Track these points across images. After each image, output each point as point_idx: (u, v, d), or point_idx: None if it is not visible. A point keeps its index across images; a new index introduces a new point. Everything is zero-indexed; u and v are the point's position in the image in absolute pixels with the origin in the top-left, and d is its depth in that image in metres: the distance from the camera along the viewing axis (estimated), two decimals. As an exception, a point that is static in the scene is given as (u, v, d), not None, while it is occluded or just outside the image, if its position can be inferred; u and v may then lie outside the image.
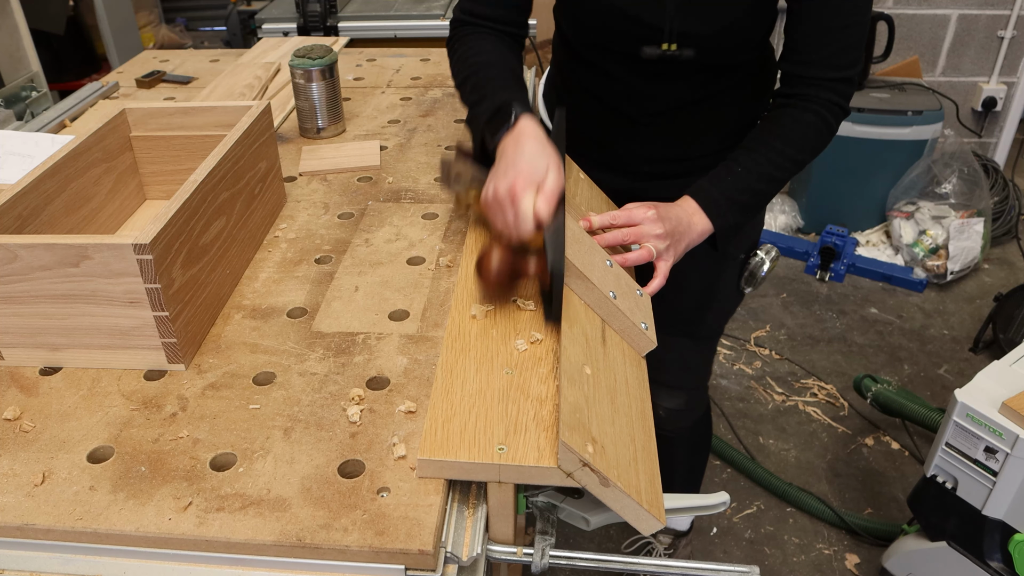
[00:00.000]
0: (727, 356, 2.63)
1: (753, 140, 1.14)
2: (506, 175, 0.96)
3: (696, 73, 1.17)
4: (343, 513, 0.74)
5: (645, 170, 1.30)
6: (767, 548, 1.98)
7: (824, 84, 1.11)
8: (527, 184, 0.94)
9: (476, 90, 1.09)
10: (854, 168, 3.05)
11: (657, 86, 1.19)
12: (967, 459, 1.48)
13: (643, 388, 0.94)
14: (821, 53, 1.10)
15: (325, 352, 0.95)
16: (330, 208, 1.26)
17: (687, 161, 1.28)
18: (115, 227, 1.16)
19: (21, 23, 2.22)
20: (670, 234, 1.06)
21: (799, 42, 1.11)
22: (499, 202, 0.96)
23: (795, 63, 1.13)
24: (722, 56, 1.15)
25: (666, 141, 1.26)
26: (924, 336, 2.70)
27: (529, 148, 0.97)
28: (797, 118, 1.12)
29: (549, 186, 0.94)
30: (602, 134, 1.29)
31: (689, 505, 0.94)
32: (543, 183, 0.94)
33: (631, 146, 1.28)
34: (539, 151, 0.97)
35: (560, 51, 1.32)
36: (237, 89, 1.64)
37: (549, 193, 0.94)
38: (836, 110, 1.12)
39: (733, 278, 1.37)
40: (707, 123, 1.25)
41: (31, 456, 0.81)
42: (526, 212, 0.93)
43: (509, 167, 0.96)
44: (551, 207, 0.93)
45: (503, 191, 0.95)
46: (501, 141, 1.01)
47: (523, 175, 0.94)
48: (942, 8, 3.20)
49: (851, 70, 1.11)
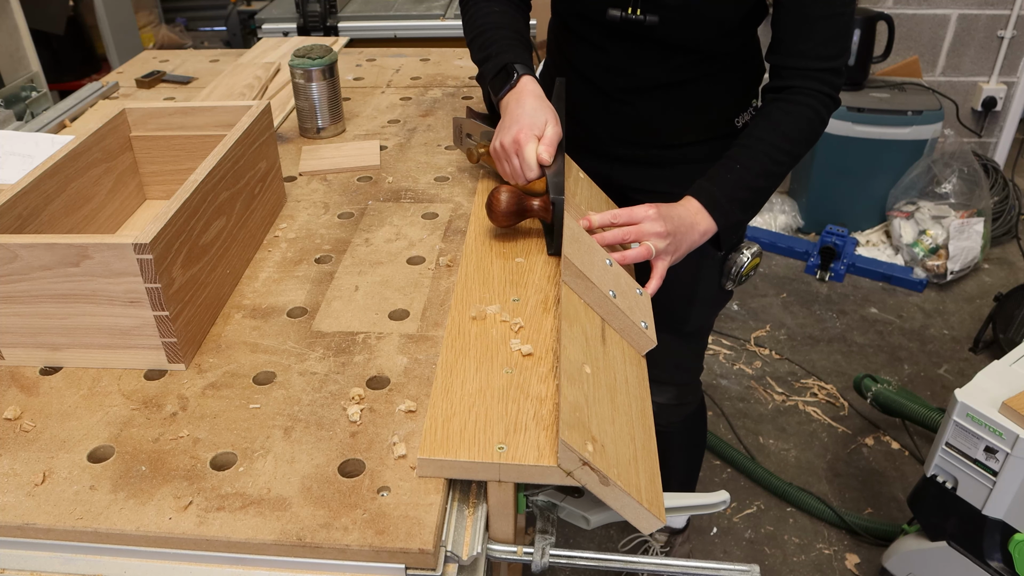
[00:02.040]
0: (727, 356, 2.63)
1: (748, 137, 1.15)
2: (510, 128, 1.07)
3: (671, 53, 1.20)
4: (343, 512, 0.74)
5: (621, 154, 1.34)
6: (767, 548, 1.98)
7: (812, 74, 1.12)
8: (529, 134, 1.06)
9: (483, 49, 1.19)
10: (854, 168, 3.05)
11: (634, 62, 1.23)
12: (967, 459, 1.48)
13: (643, 387, 0.94)
14: (807, 43, 1.11)
15: (325, 352, 0.95)
16: (330, 208, 1.26)
17: (662, 149, 1.32)
18: (115, 227, 1.16)
19: (21, 23, 2.22)
20: (671, 233, 1.06)
21: (784, 33, 1.13)
22: (506, 151, 1.08)
23: (782, 54, 1.14)
24: (686, 31, 1.17)
25: (639, 122, 1.30)
26: (924, 336, 2.70)
27: (530, 103, 1.08)
28: (788, 111, 1.13)
29: (549, 135, 1.06)
30: (579, 110, 1.32)
31: (689, 504, 0.94)
32: (543, 133, 1.06)
33: (608, 125, 1.32)
34: (539, 106, 1.08)
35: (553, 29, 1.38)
36: (237, 89, 1.64)
37: (549, 140, 1.06)
38: (826, 100, 1.13)
39: (714, 275, 1.39)
40: (681, 110, 1.27)
41: (31, 456, 0.81)
42: (530, 158, 1.05)
43: (513, 121, 1.08)
44: (552, 152, 1.06)
45: (508, 141, 1.07)
46: (504, 98, 1.12)
47: (525, 127, 1.06)
48: (942, 8, 3.20)
49: (838, 60, 1.12)
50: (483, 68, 1.19)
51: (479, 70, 1.21)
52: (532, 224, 1.15)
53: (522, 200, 1.06)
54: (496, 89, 1.14)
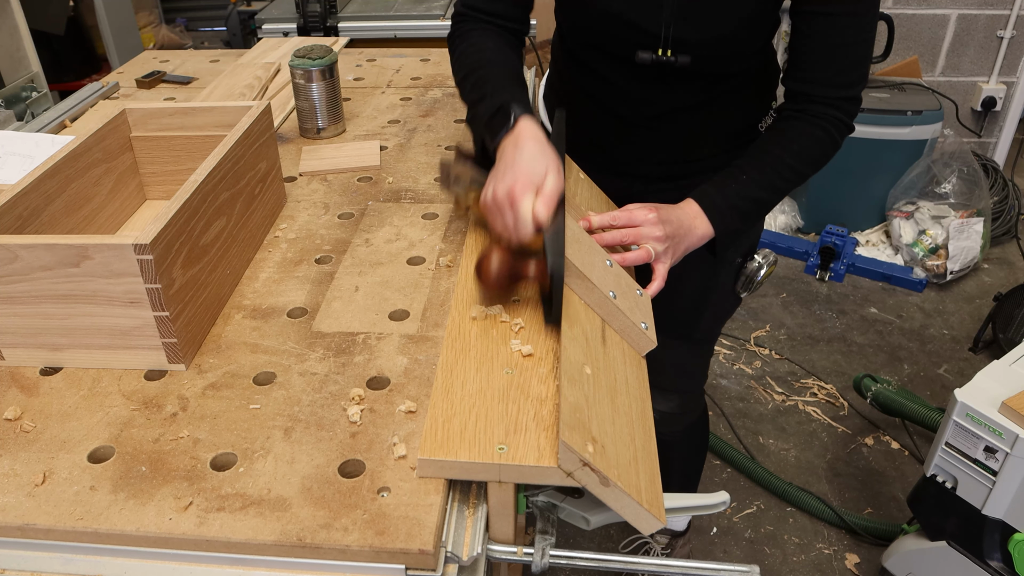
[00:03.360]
0: (727, 356, 2.63)
1: (759, 150, 1.14)
2: (505, 178, 0.95)
3: (693, 79, 1.17)
4: (343, 513, 0.74)
5: (643, 173, 1.30)
6: (767, 548, 1.98)
7: (830, 102, 1.10)
8: (526, 186, 0.93)
9: (476, 88, 1.09)
10: (854, 168, 3.05)
11: (654, 91, 1.19)
12: (967, 459, 1.49)
13: (643, 388, 0.94)
14: (827, 72, 1.09)
15: (325, 352, 0.95)
16: (330, 208, 1.26)
17: (685, 164, 1.28)
18: (115, 227, 1.16)
19: (21, 23, 2.21)
20: (670, 236, 1.06)
21: (804, 60, 1.11)
22: (498, 205, 0.95)
23: (800, 81, 1.12)
24: (717, 65, 1.15)
25: (664, 145, 1.26)
26: (924, 336, 2.70)
27: (528, 150, 0.97)
28: (803, 131, 1.12)
29: (548, 188, 0.93)
30: (599, 137, 1.29)
31: (689, 504, 0.94)
32: (542, 185, 0.94)
33: (628, 149, 1.28)
34: (538, 153, 0.96)
35: (559, 53, 1.32)
36: (237, 89, 1.64)
37: (548, 195, 0.93)
38: (841, 127, 1.12)
39: (729, 282, 1.37)
40: (705, 127, 1.25)
41: (32, 456, 0.81)
42: (525, 215, 0.92)
43: (508, 170, 0.96)
44: (550, 209, 0.93)
45: (502, 194, 0.94)
46: (500, 143, 1.01)
47: (522, 177, 0.94)
48: (942, 8, 3.20)
49: (856, 88, 1.11)
50: (476, 109, 1.08)
51: (470, 112, 1.11)
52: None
53: (516, 264, 0.95)
54: (492, 132, 1.03)
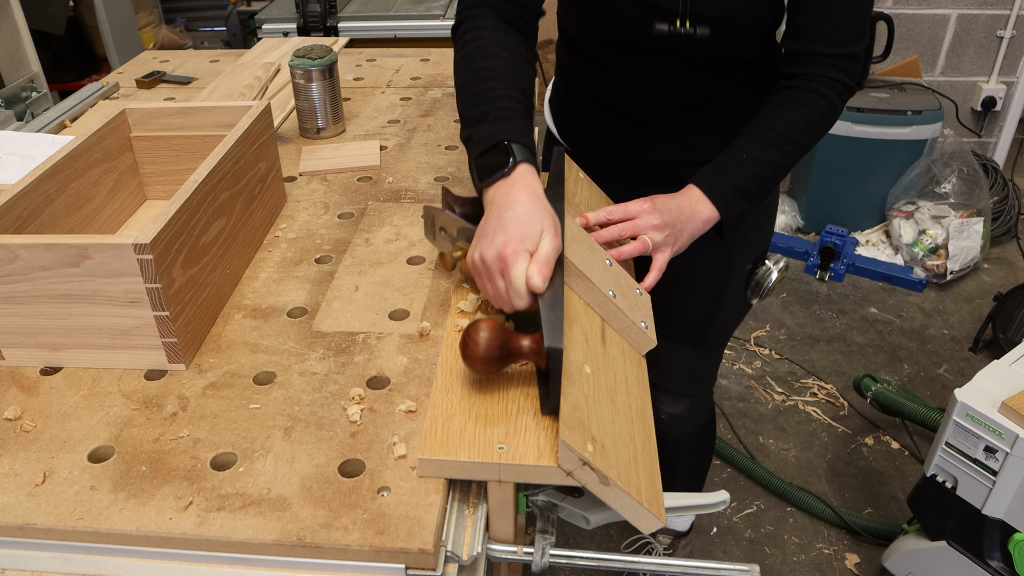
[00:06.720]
0: (727, 356, 2.62)
1: (757, 125, 1.12)
2: (495, 238, 0.84)
3: (700, 71, 1.16)
4: (343, 512, 0.74)
5: (649, 175, 1.29)
6: (767, 548, 1.98)
7: (828, 61, 1.09)
8: (519, 249, 0.83)
9: (478, 103, 0.98)
10: (854, 168, 3.05)
11: (660, 85, 1.19)
12: (967, 459, 1.49)
13: (643, 387, 0.94)
14: (824, 29, 1.08)
15: (325, 352, 0.95)
16: (330, 208, 1.26)
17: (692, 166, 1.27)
18: (115, 227, 1.16)
19: (21, 23, 2.22)
20: (669, 224, 1.04)
21: (801, 18, 1.09)
22: (488, 268, 0.85)
23: (798, 40, 1.10)
24: (732, 44, 1.13)
25: (669, 144, 1.25)
26: (924, 336, 2.70)
27: (522, 205, 0.86)
28: (801, 99, 1.10)
29: (544, 251, 0.83)
30: (606, 139, 1.28)
31: (689, 504, 0.94)
32: (537, 247, 0.84)
33: (635, 150, 1.27)
34: (534, 208, 0.86)
35: (564, 57, 1.31)
36: (237, 89, 1.64)
37: (544, 260, 0.83)
38: (840, 88, 1.10)
39: (740, 288, 1.37)
40: (711, 125, 1.24)
41: (32, 456, 0.81)
42: (518, 281, 0.82)
43: (499, 227, 0.85)
44: (546, 276, 0.82)
45: (492, 256, 0.84)
46: (491, 187, 0.91)
47: (514, 238, 0.83)
48: (941, 8, 3.20)
49: (855, 46, 1.09)
50: (472, 129, 0.97)
51: (465, 129, 0.99)
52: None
53: (508, 340, 0.81)
54: (484, 171, 0.92)
